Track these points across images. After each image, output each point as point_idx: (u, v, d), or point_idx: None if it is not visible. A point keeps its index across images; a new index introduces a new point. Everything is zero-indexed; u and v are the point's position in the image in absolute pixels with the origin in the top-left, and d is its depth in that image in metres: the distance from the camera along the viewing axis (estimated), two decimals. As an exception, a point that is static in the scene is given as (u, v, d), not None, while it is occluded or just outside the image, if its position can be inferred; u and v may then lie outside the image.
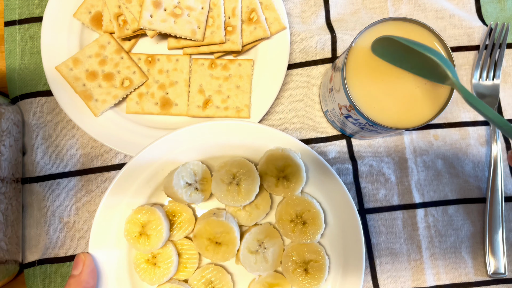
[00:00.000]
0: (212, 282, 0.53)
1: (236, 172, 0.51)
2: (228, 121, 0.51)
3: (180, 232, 0.53)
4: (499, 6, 0.67)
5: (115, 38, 0.61)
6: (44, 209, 0.60)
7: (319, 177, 0.53)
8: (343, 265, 0.53)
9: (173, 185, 0.48)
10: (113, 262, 0.52)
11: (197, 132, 0.51)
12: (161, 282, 0.52)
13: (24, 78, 0.62)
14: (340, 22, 0.65)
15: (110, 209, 0.51)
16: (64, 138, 0.62)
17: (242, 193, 0.51)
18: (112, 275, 0.52)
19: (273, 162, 0.51)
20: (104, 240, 0.51)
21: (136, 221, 0.51)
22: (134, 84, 0.60)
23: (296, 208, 0.52)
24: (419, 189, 0.63)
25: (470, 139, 0.64)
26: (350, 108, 0.50)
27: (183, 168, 0.50)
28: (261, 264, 0.52)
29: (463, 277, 0.61)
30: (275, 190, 0.52)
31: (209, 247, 0.50)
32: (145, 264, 0.52)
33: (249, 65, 0.61)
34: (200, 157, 0.53)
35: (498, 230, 0.60)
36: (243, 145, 0.53)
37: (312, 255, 0.52)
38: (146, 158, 0.51)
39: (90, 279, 0.48)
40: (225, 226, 0.50)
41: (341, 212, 0.53)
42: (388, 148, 0.63)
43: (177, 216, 0.54)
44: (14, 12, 0.63)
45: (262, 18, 0.60)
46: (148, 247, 0.50)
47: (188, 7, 0.58)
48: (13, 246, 0.56)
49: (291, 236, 0.52)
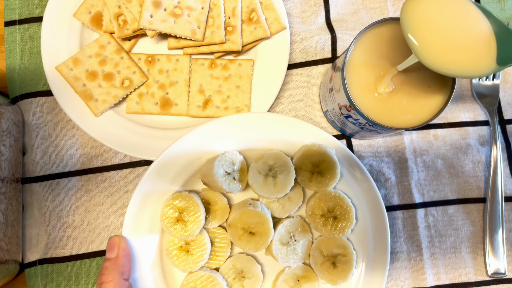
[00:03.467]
0: (243, 272, 0.54)
1: (273, 164, 0.52)
2: (267, 113, 0.53)
3: (215, 221, 0.53)
4: (499, 6, 0.67)
5: (115, 38, 0.61)
6: (44, 209, 0.60)
7: (351, 174, 0.54)
8: (367, 261, 0.54)
9: (213, 173, 0.49)
10: (145, 247, 0.52)
11: (236, 122, 0.52)
12: (193, 269, 0.52)
13: (24, 78, 0.62)
14: (340, 22, 0.65)
15: (146, 195, 0.51)
16: (64, 138, 0.62)
17: (278, 186, 0.51)
18: (145, 260, 0.52)
19: (309, 157, 0.52)
20: (138, 225, 0.51)
21: (174, 207, 0.50)
22: (134, 84, 0.60)
23: (328, 203, 0.53)
24: (419, 189, 0.63)
25: (470, 139, 0.64)
26: (350, 108, 0.50)
27: (223, 157, 0.51)
28: (292, 256, 0.53)
29: (463, 277, 0.61)
30: (309, 184, 0.53)
31: (242, 237, 0.51)
32: (178, 251, 0.52)
33: (249, 65, 0.61)
34: (237, 148, 0.54)
35: (498, 230, 0.60)
36: (279, 139, 0.54)
37: (340, 250, 0.53)
38: (184, 145, 0.51)
39: (126, 262, 0.48)
40: (261, 216, 0.50)
41: (369, 210, 0.54)
42: (388, 148, 0.63)
43: (212, 204, 0.54)
44: (14, 12, 0.63)
45: (262, 18, 0.60)
46: (185, 233, 0.50)
47: (188, 7, 0.58)
48: (13, 246, 0.56)
49: (322, 230, 0.53)
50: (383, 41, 0.49)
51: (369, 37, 0.49)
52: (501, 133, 0.64)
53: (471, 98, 0.65)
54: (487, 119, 0.64)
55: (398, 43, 0.49)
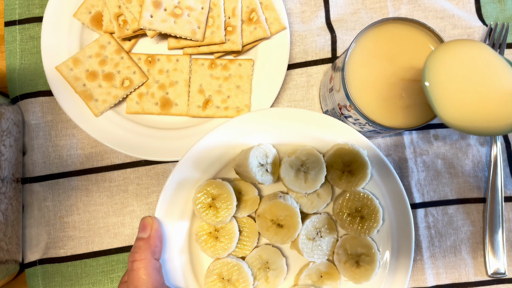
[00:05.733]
0: (268, 263, 0.54)
1: (305, 160, 0.52)
2: (302, 110, 0.53)
3: (245, 210, 0.54)
4: (499, 6, 0.67)
5: (115, 38, 0.61)
6: (44, 209, 0.60)
7: (380, 175, 0.54)
8: (390, 262, 0.55)
9: (248, 163, 0.50)
10: (176, 232, 0.53)
11: (270, 116, 0.53)
12: (221, 256, 0.52)
13: (24, 78, 0.62)
14: (340, 22, 0.65)
15: (179, 181, 0.52)
16: (64, 138, 0.62)
17: (309, 181, 0.52)
18: (175, 244, 0.52)
19: (341, 156, 0.53)
20: (170, 210, 0.52)
21: (207, 193, 0.51)
22: (134, 84, 0.60)
23: (356, 202, 0.53)
24: (419, 189, 0.63)
25: (470, 139, 0.64)
26: (350, 108, 0.50)
27: (258, 149, 0.52)
28: (317, 251, 0.54)
29: (463, 277, 0.61)
30: (338, 183, 0.53)
31: (270, 228, 0.51)
32: (208, 236, 0.53)
33: (249, 65, 0.61)
34: (271, 141, 0.54)
35: (498, 230, 0.60)
36: (312, 136, 0.54)
37: (364, 249, 0.53)
38: (220, 135, 0.52)
39: (158, 243, 0.48)
40: (290, 210, 0.51)
41: (395, 212, 0.54)
42: (388, 148, 0.63)
43: (244, 194, 0.55)
44: (14, 12, 0.63)
45: (262, 18, 0.60)
46: (216, 219, 0.51)
47: (188, 7, 0.58)
48: (13, 246, 0.56)
49: (348, 229, 0.53)
50: (383, 41, 0.49)
51: (369, 37, 0.49)
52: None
53: (471, 98, 0.65)
54: (487, 119, 0.64)
55: (398, 43, 0.49)
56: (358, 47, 0.49)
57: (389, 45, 0.49)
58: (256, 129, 0.53)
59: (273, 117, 0.53)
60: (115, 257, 0.60)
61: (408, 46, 0.49)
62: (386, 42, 0.49)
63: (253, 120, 0.53)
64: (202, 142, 0.52)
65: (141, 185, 0.61)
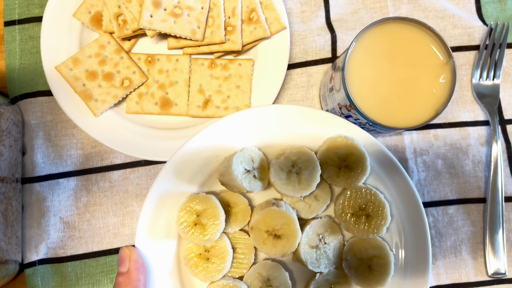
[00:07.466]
0: (269, 280, 0.49)
1: (296, 160, 0.47)
2: (286, 106, 0.48)
3: (236, 224, 0.49)
4: (499, 6, 0.67)
5: (115, 38, 0.61)
6: (44, 209, 0.60)
7: (381, 167, 0.49)
8: (404, 263, 0.49)
9: (232, 170, 0.44)
10: (162, 255, 0.48)
11: (253, 116, 0.48)
12: (215, 279, 0.47)
13: (24, 78, 0.62)
14: (340, 22, 0.65)
15: (161, 197, 0.47)
16: (64, 138, 0.62)
17: (303, 183, 0.47)
18: (163, 269, 0.47)
19: (335, 150, 0.48)
20: (153, 231, 0.47)
21: (191, 210, 0.46)
22: (134, 84, 0.60)
23: (359, 199, 0.48)
24: (419, 189, 0.63)
25: (470, 139, 0.64)
26: (350, 108, 0.50)
27: (241, 154, 0.46)
28: (322, 260, 0.48)
29: (463, 277, 0.61)
30: (336, 180, 0.48)
31: (267, 240, 0.46)
32: (197, 259, 0.48)
33: (249, 65, 0.61)
34: (255, 144, 0.49)
35: (498, 230, 0.60)
36: (301, 132, 0.49)
37: (375, 251, 0.48)
38: (200, 143, 0.47)
39: (140, 275, 0.44)
40: (287, 217, 0.46)
41: (404, 205, 0.49)
42: (388, 148, 0.63)
43: (232, 206, 0.50)
44: (14, 12, 0.63)
45: (262, 18, 0.60)
46: (204, 238, 0.45)
47: (188, 7, 0.58)
48: (13, 246, 0.56)
49: (354, 230, 0.48)
50: (383, 41, 0.49)
51: (369, 36, 0.49)
52: (501, 133, 0.64)
53: (471, 98, 0.65)
54: (487, 119, 0.64)
55: (398, 43, 0.49)
56: (358, 47, 0.49)
57: (389, 45, 0.49)
58: (238, 132, 0.48)
59: (256, 117, 0.48)
60: (115, 257, 0.60)
61: (408, 45, 0.49)
62: (386, 42, 0.49)
63: (234, 123, 0.48)
64: (181, 152, 0.46)
65: (141, 185, 0.61)
